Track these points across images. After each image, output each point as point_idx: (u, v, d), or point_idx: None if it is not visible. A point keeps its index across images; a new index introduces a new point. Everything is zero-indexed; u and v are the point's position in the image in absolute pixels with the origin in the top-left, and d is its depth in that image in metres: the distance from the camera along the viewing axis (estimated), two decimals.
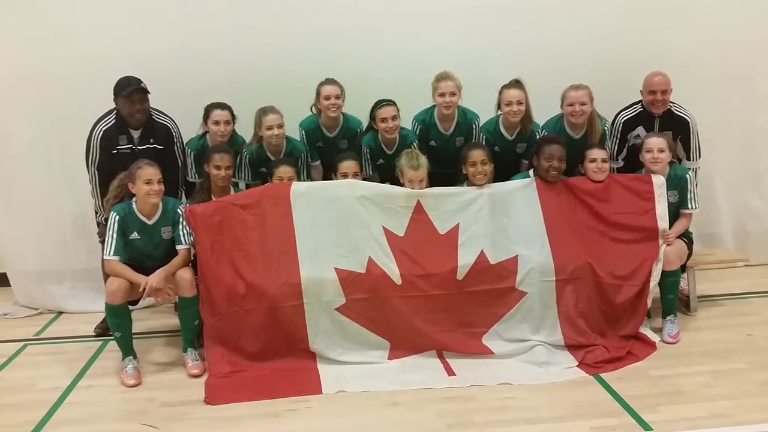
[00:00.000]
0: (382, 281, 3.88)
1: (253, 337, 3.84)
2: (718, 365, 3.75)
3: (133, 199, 3.89)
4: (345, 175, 4.15)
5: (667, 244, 4.08)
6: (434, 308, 3.92)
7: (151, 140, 4.33)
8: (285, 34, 4.80)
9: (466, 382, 3.65)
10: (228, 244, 3.91)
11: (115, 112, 4.30)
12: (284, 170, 4.15)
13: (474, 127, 4.54)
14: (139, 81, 4.24)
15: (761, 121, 5.26)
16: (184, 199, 4.39)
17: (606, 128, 4.53)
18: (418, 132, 4.55)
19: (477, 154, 4.11)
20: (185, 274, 3.86)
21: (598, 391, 3.54)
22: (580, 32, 4.94)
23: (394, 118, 4.36)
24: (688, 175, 4.23)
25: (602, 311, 4.00)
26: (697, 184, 4.38)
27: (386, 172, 4.46)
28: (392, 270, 3.91)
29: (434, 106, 4.49)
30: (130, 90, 4.19)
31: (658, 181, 4.10)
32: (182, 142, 4.49)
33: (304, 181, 4.42)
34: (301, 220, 3.97)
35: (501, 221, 4.07)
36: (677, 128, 4.49)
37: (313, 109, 4.57)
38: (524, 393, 3.54)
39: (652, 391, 3.51)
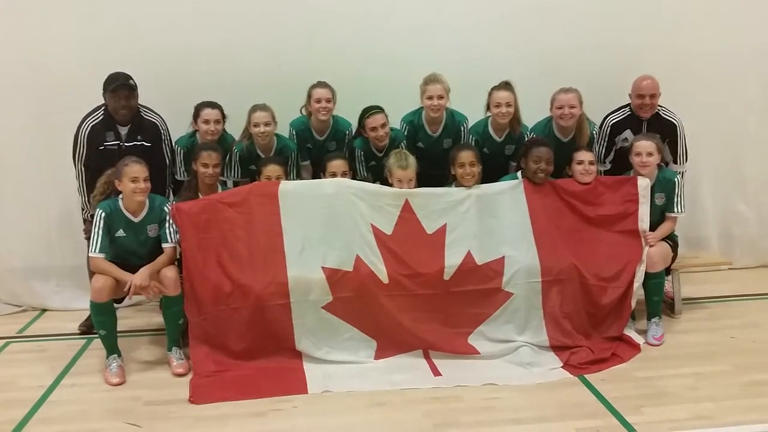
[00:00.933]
0: (370, 280, 3.88)
1: (238, 336, 3.83)
2: (702, 367, 3.77)
3: (120, 196, 3.86)
4: (334, 174, 4.14)
5: (649, 246, 4.10)
6: (421, 307, 3.93)
7: (139, 137, 4.30)
8: (277, 34, 4.79)
9: (451, 383, 3.65)
10: (214, 242, 3.89)
11: (103, 107, 4.28)
12: (272, 169, 4.13)
13: (462, 129, 4.54)
14: (127, 77, 4.21)
15: (747, 126, 5.30)
16: (171, 197, 4.36)
17: (594, 132, 4.55)
18: (406, 133, 4.55)
19: (466, 156, 4.12)
20: (169, 273, 3.83)
21: (582, 393, 3.56)
22: (570, 36, 4.96)
23: (383, 126, 4.37)
24: (676, 179, 4.26)
25: (588, 313, 4.02)
26: (683, 182, 4.41)
27: (379, 173, 4.46)
28: (379, 269, 3.91)
29: (422, 108, 4.50)
30: (116, 85, 4.17)
31: (643, 183, 4.13)
32: (170, 139, 4.46)
33: (293, 179, 4.40)
34: (288, 218, 3.96)
35: (488, 222, 4.08)
36: (665, 132, 4.52)
37: (303, 110, 4.56)
38: (509, 393, 3.55)
39: (636, 393, 3.53)
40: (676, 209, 4.25)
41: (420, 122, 4.53)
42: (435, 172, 4.35)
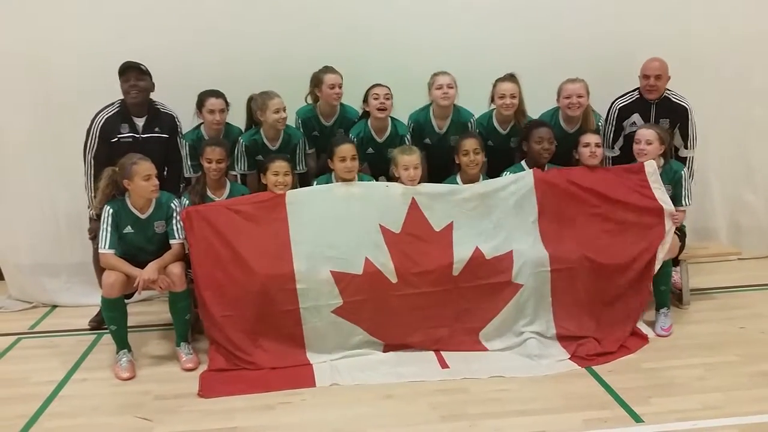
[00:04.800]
0: (379, 280, 3.88)
1: (248, 338, 3.82)
2: (710, 358, 3.77)
3: (126, 194, 3.87)
4: (343, 159, 4.06)
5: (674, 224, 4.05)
6: (430, 305, 3.92)
7: (156, 129, 4.31)
8: (280, 25, 4.79)
9: (459, 375, 3.66)
10: (223, 247, 3.87)
11: (119, 101, 4.29)
12: (279, 165, 4.05)
13: (469, 126, 4.51)
14: (138, 63, 4.24)
15: (755, 115, 5.27)
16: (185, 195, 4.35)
17: (599, 123, 4.53)
18: (412, 131, 4.51)
19: (470, 143, 4.13)
20: (175, 269, 3.84)
21: (590, 384, 3.56)
22: (576, 27, 4.93)
23: (387, 96, 4.34)
24: (683, 171, 4.24)
25: (598, 302, 3.98)
26: (693, 174, 4.39)
27: (377, 163, 4.45)
28: (388, 268, 3.90)
29: (429, 105, 4.48)
30: (125, 67, 4.19)
31: (650, 168, 4.08)
32: (183, 135, 4.48)
33: (301, 168, 4.45)
34: (296, 223, 3.95)
35: (495, 216, 4.05)
36: (675, 116, 4.50)
37: (308, 98, 4.55)
38: (517, 385, 3.56)
39: (645, 384, 3.53)
40: (684, 202, 4.21)
41: (427, 118, 4.52)
42: (441, 163, 4.35)
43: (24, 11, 4.65)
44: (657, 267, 4.02)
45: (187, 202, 4.07)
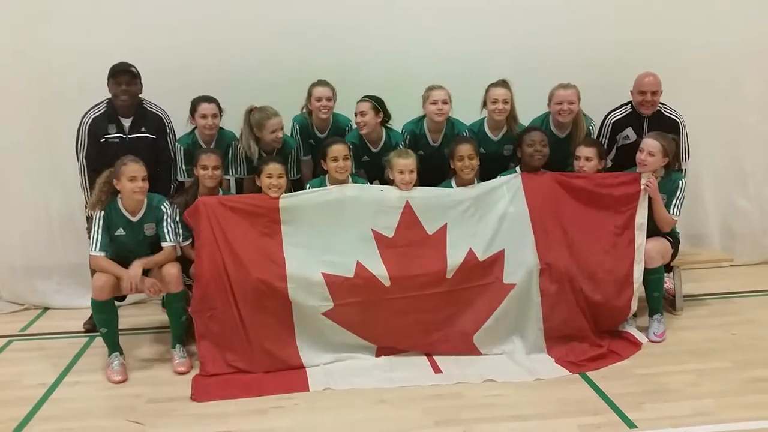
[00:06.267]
0: (371, 284, 3.87)
1: (241, 338, 3.81)
2: (703, 364, 3.78)
3: (118, 195, 3.86)
4: (335, 159, 4.06)
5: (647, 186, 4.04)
6: (423, 308, 3.92)
7: (143, 129, 4.31)
8: (276, 30, 4.80)
9: (452, 380, 3.67)
10: (222, 242, 3.85)
11: (106, 101, 4.30)
12: (273, 168, 4.06)
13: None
14: (129, 65, 4.24)
15: (748, 121, 5.30)
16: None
17: (591, 127, 4.54)
18: (407, 141, 4.51)
19: (465, 149, 4.14)
20: (172, 270, 3.84)
21: (583, 389, 3.57)
22: (570, 34, 4.96)
23: (362, 113, 4.32)
24: (680, 182, 4.24)
25: (586, 306, 3.97)
26: (685, 185, 4.40)
27: (372, 170, 4.45)
28: (381, 272, 3.89)
29: (423, 117, 4.49)
30: (117, 70, 4.20)
31: (643, 180, 4.08)
32: (174, 134, 4.47)
33: (293, 175, 4.45)
34: (289, 226, 3.95)
35: (488, 218, 4.06)
36: (667, 129, 4.48)
37: (304, 110, 4.57)
38: (510, 390, 3.56)
39: (638, 390, 3.53)
40: (672, 212, 4.19)
41: (422, 131, 4.52)
42: (435, 174, 4.33)
43: (22, 12, 4.64)
44: (636, 285, 4.02)
45: (178, 209, 4.04)
